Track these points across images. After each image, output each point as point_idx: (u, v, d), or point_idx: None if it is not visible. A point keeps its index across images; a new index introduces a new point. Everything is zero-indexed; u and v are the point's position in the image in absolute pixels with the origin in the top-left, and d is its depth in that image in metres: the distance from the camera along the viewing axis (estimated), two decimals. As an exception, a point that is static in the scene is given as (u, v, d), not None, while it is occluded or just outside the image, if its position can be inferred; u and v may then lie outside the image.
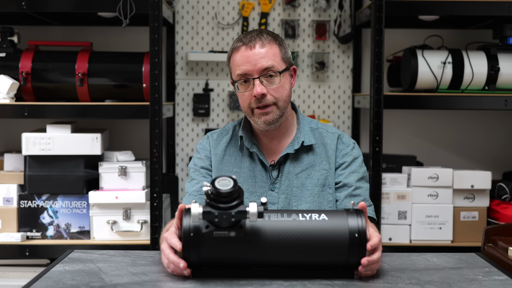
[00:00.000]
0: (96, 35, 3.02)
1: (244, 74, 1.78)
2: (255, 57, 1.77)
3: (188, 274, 1.42)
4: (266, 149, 1.87)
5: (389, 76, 3.01)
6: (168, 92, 3.13)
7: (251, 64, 1.77)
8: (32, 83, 2.63)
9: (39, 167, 2.62)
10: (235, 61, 1.81)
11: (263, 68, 1.77)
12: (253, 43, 1.78)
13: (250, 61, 1.77)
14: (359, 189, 1.82)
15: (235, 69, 1.81)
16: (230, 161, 1.88)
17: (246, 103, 1.80)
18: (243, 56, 1.78)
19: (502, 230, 2.23)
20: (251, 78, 1.77)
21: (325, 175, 1.84)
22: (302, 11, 3.12)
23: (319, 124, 1.92)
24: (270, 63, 1.77)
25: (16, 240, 2.59)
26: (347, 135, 1.93)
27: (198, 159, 1.91)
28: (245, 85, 1.79)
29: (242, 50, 1.79)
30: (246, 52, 1.78)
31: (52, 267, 1.53)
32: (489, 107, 2.67)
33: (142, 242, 2.62)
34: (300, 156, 1.85)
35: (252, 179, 1.85)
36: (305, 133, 1.87)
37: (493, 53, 2.71)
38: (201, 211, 1.35)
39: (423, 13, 2.67)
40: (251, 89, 1.78)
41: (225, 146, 1.90)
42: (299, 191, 1.83)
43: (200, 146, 1.93)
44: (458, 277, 1.48)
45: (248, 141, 1.87)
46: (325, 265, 1.43)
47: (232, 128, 1.94)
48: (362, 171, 1.86)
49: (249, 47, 1.78)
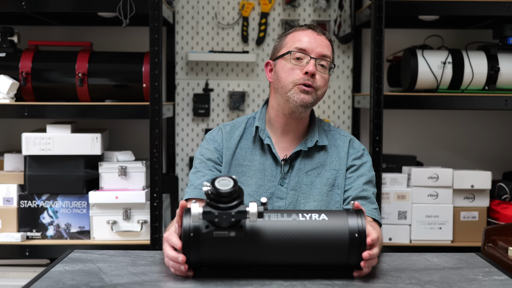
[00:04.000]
0: (96, 35, 3.02)
1: (304, 49, 1.81)
2: (319, 42, 1.83)
3: (185, 269, 1.42)
4: (278, 144, 1.88)
5: (389, 76, 3.01)
6: (168, 92, 3.13)
7: (315, 44, 1.81)
8: (32, 83, 2.63)
9: (39, 167, 2.62)
10: (297, 36, 1.84)
11: (323, 54, 1.82)
12: (320, 31, 1.86)
13: (315, 41, 1.82)
14: (365, 191, 1.83)
15: (294, 43, 1.83)
16: (241, 155, 1.88)
17: (291, 77, 1.81)
18: (308, 35, 1.83)
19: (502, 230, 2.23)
20: (308, 56, 1.80)
21: (335, 176, 1.85)
22: (302, 11, 3.12)
23: (331, 127, 1.96)
24: (329, 54, 1.84)
25: (16, 240, 2.59)
26: (358, 140, 1.97)
27: (206, 149, 1.89)
28: (297, 61, 1.81)
29: (308, 31, 1.85)
30: (312, 34, 1.84)
31: (52, 267, 1.53)
32: (489, 107, 2.67)
33: (142, 242, 2.62)
34: (312, 154, 1.87)
35: (262, 172, 1.85)
36: (320, 134, 1.90)
37: (493, 53, 2.71)
38: (201, 211, 1.35)
39: (423, 13, 2.67)
40: (303, 66, 1.80)
41: (238, 139, 1.90)
42: (308, 188, 1.83)
43: (210, 136, 1.92)
44: (458, 277, 1.48)
45: (263, 133, 1.88)
46: (325, 265, 1.43)
47: (245, 121, 1.94)
48: (370, 175, 1.88)
49: (316, 32, 1.85)
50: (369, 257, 1.42)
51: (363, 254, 1.41)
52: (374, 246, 1.45)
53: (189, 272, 1.43)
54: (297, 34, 1.85)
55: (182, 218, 1.42)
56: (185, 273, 1.44)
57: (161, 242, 2.52)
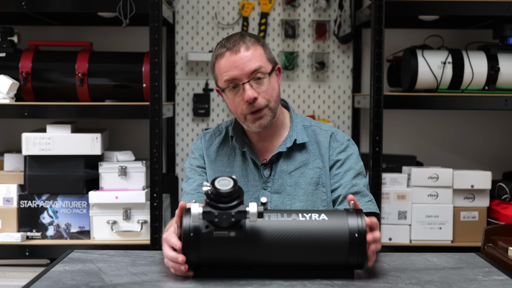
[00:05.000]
0: (96, 35, 3.02)
1: (232, 79, 1.73)
2: (242, 61, 1.72)
3: (185, 269, 1.42)
4: (258, 148, 1.87)
5: (389, 76, 3.01)
6: (168, 92, 3.13)
7: (238, 69, 1.72)
8: (32, 83, 2.63)
9: (39, 167, 2.62)
10: (220, 67, 1.76)
11: (252, 71, 1.73)
12: (238, 47, 1.73)
13: (237, 65, 1.72)
14: (356, 186, 1.79)
15: (221, 76, 1.76)
16: (223, 161, 1.88)
17: (238, 110, 1.77)
18: (228, 61, 1.73)
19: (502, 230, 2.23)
20: (240, 84, 1.73)
21: (319, 174, 1.82)
22: (302, 11, 3.12)
23: (313, 122, 1.90)
24: (258, 65, 1.73)
25: (16, 240, 2.59)
26: (342, 132, 1.90)
27: (193, 158, 1.91)
28: (234, 91, 1.75)
29: (227, 55, 1.74)
30: (231, 57, 1.73)
31: (52, 267, 1.53)
32: (489, 107, 2.67)
33: (142, 242, 2.62)
34: (293, 155, 1.84)
35: (245, 178, 1.84)
36: (298, 131, 1.85)
37: (493, 53, 2.71)
38: (201, 211, 1.35)
39: (423, 13, 2.67)
40: (241, 95, 1.74)
41: (217, 146, 1.90)
42: (293, 189, 1.82)
43: (194, 146, 1.94)
44: (458, 277, 1.48)
45: (240, 140, 1.86)
46: (325, 265, 1.43)
47: (225, 128, 1.93)
48: (358, 167, 1.83)
49: (234, 52, 1.73)
50: (374, 239, 1.42)
51: (367, 237, 1.40)
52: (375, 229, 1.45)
53: (189, 272, 1.44)
54: (219, 65, 1.76)
55: (182, 218, 1.42)
56: (185, 273, 1.44)
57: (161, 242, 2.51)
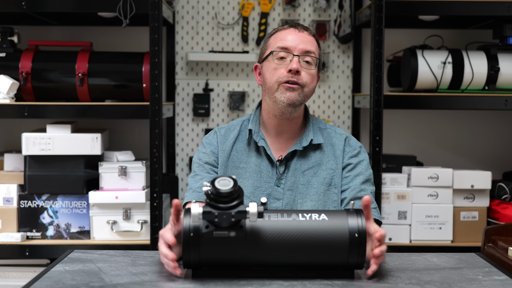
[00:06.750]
0: (96, 35, 3.02)
1: (286, 47, 1.81)
2: (302, 38, 1.82)
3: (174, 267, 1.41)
4: (273, 145, 1.88)
5: (389, 76, 3.01)
6: (168, 92, 3.13)
7: (296, 41, 1.81)
8: (32, 83, 2.63)
9: (39, 167, 2.62)
10: (279, 36, 1.85)
11: (306, 50, 1.81)
12: (302, 29, 1.85)
13: (295, 39, 1.82)
14: (364, 191, 1.82)
15: (276, 43, 1.84)
16: (237, 157, 1.88)
17: (275, 77, 1.81)
18: (290, 33, 1.83)
19: (502, 230, 2.23)
20: (291, 54, 1.80)
21: (332, 175, 1.84)
22: (302, 11, 3.12)
23: (327, 125, 1.94)
24: (313, 49, 1.83)
25: (16, 240, 2.59)
26: (354, 138, 1.95)
27: (203, 153, 1.90)
28: (281, 60, 1.81)
29: (290, 30, 1.85)
30: (294, 32, 1.84)
31: (52, 267, 1.53)
32: (489, 107, 2.67)
33: (142, 242, 2.62)
34: (307, 154, 1.86)
35: (258, 174, 1.84)
36: (314, 132, 1.88)
37: (493, 53, 2.71)
38: (201, 211, 1.35)
39: (423, 13, 2.67)
40: (286, 64, 1.80)
41: (233, 141, 1.90)
42: (305, 188, 1.83)
43: (206, 140, 1.93)
44: (458, 277, 1.48)
45: (257, 135, 1.87)
46: (325, 265, 1.43)
47: (240, 124, 1.94)
48: (367, 173, 1.87)
49: (298, 30, 1.85)
50: (380, 254, 1.42)
51: (374, 251, 1.41)
52: (382, 243, 1.44)
53: (177, 271, 1.42)
54: (279, 34, 1.85)
55: (183, 218, 1.42)
56: (173, 270, 1.42)
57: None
